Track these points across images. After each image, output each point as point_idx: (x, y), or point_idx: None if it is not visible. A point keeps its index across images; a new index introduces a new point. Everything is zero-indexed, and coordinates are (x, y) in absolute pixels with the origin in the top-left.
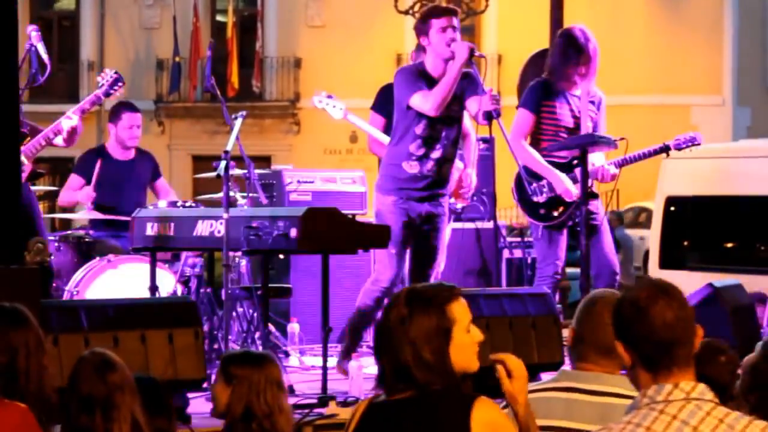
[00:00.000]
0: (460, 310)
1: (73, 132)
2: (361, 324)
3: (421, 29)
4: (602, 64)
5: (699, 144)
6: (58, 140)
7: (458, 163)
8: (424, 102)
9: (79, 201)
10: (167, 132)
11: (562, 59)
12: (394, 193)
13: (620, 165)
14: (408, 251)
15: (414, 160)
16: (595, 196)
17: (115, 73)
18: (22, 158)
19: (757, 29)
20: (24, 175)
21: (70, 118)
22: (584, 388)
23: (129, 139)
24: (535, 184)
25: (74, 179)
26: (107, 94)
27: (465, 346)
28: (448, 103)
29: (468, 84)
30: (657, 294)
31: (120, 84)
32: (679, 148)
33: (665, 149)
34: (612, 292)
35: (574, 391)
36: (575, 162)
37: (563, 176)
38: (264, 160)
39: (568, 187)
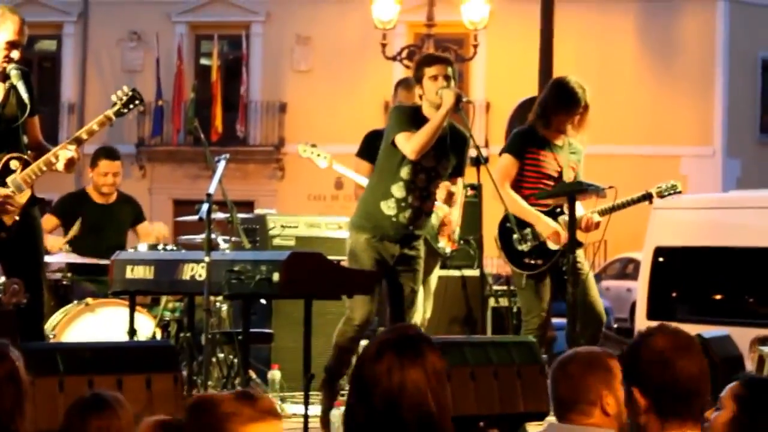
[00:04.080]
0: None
1: (70, 163)
2: (338, 367)
3: (416, 77)
4: (592, 113)
5: (680, 192)
6: (59, 166)
7: (444, 207)
8: (406, 143)
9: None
10: (148, 176)
11: (554, 106)
12: (369, 231)
13: (603, 213)
14: (381, 290)
15: (393, 202)
16: (580, 244)
17: (132, 90)
18: (21, 184)
19: (748, 80)
20: (22, 201)
21: (68, 149)
22: None
23: (104, 186)
24: (519, 233)
25: (48, 220)
26: (120, 114)
27: None
28: (439, 158)
29: (460, 161)
30: (681, 347)
31: (137, 102)
32: (661, 196)
33: (648, 197)
34: (573, 351)
35: None
36: (558, 210)
37: (550, 220)
38: (247, 205)
39: (557, 228)
